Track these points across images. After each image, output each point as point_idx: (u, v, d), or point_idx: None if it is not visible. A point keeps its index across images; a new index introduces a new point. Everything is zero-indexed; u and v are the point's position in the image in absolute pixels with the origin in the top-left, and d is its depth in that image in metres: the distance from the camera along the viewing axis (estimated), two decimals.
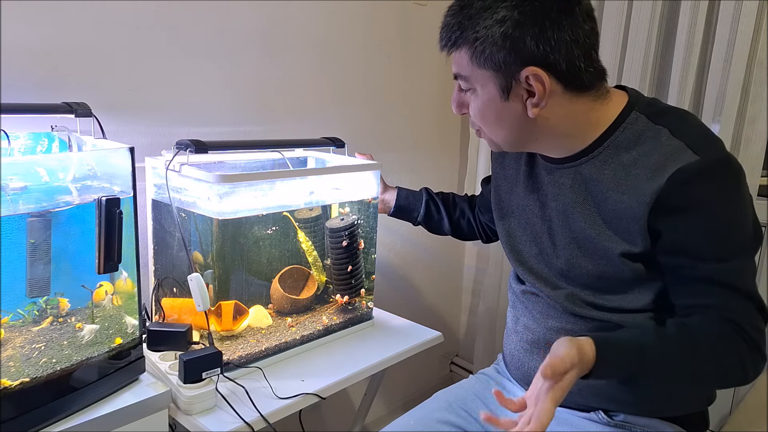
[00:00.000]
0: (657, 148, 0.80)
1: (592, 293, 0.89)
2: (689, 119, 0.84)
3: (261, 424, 0.91)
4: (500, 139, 0.89)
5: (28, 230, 0.78)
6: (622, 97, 0.87)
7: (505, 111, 0.84)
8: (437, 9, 1.76)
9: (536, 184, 0.96)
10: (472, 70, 0.82)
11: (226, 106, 1.33)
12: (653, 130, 0.82)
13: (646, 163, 0.80)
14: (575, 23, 0.78)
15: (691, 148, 0.78)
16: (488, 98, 0.83)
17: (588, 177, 0.86)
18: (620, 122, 0.84)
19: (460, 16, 0.80)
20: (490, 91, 0.83)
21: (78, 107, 0.92)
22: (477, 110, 0.86)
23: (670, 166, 0.78)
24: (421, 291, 1.99)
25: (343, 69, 1.56)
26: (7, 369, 0.75)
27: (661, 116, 0.83)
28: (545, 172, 0.94)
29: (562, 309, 0.92)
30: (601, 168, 0.85)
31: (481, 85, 0.83)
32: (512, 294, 1.06)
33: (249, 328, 1.09)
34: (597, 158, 0.85)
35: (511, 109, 0.83)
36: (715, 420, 1.04)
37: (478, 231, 1.27)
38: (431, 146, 1.90)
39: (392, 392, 1.92)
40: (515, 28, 0.76)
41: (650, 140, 0.81)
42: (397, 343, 1.19)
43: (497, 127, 0.87)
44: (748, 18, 1.34)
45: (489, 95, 0.83)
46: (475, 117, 0.88)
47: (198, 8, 1.23)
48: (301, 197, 1.13)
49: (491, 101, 0.83)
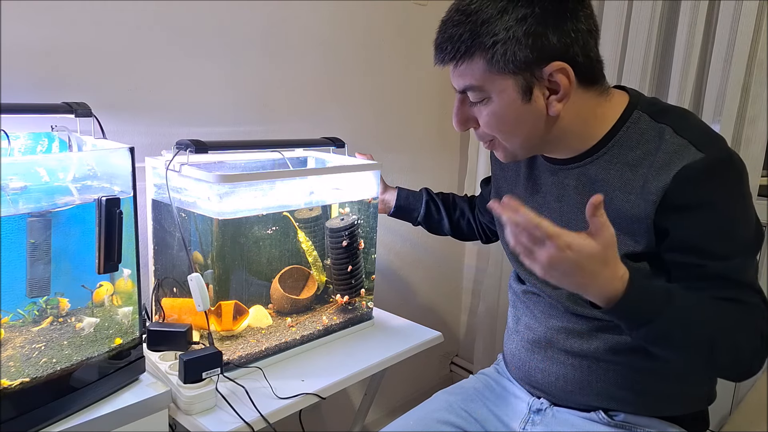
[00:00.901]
0: (661, 146, 0.80)
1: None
2: (689, 117, 0.84)
3: (261, 424, 0.91)
4: (517, 145, 0.86)
5: (28, 230, 0.78)
6: (623, 96, 0.87)
7: (526, 114, 0.81)
8: (437, 9, 1.76)
9: (537, 185, 0.96)
10: (488, 78, 0.79)
11: (226, 106, 1.33)
12: (656, 128, 0.82)
13: (652, 161, 0.80)
14: (588, 13, 0.78)
15: (694, 146, 0.78)
16: (506, 104, 0.80)
17: (594, 177, 0.86)
18: (624, 121, 0.84)
19: (467, 24, 0.77)
20: (509, 96, 0.80)
21: (78, 107, 0.92)
22: (493, 119, 0.82)
23: (675, 163, 0.78)
24: (421, 291, 1.99)
25: (343, 69, 1.56)
26: (7, 369, 0.75)
27: (663, 114, 0.83)
28: (548, 173, 0.94)
29: (564, 308, 0.92)
30: (607, 168, 0.85)
31: (498, 91, 0.80)
32: (513, 294, 1.06)
33: (249, 328, 1.09)
34: (602, 158, 0.85)
35: (531, 111, 0.81)
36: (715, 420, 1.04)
37: (478, 231, 1.27)
38: (431, 146, 1.90)
39: (392, 392, 1.92)
40: (538, 24, 0.75)
41: (654, 138, 0.82)
42: (397, 343, 1.19)
43: (515, 133, 0.84)
44: (748, 18, 1.34)
45: (508, 100, 0.80)
46: (489, 127, 0.84)
47: (198, 8, 1.23)
48: (301, 197, 1.13)
49: (510, 106, 0.80)
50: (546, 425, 0.96)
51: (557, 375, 0.94)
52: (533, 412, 0.99)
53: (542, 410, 0.98)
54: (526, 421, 0.99)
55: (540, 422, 0.97)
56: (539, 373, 0.97)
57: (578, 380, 0.92)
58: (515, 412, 1.01)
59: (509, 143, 0.86)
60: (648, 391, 0.90)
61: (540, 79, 0.78)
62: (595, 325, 0.90)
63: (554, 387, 0.95)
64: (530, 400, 1.00)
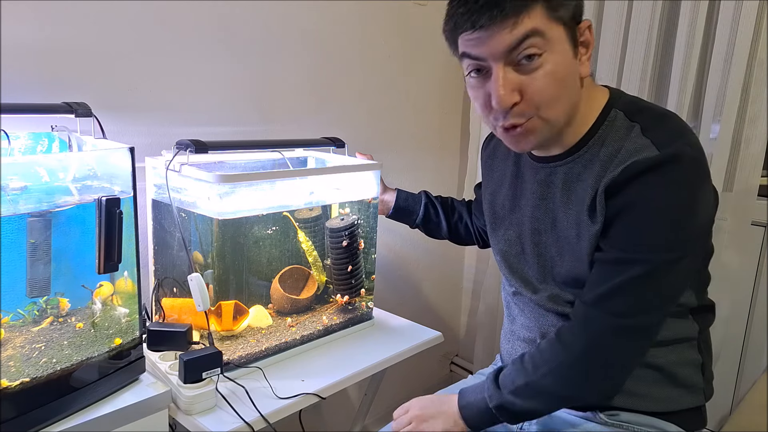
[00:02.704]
0: (625, 144, 0.80)
1: (572, 292, 0.89)
2: (667, 120, 0.82)
3: (261, 424, 0.91)
4: (560, 113, 0.81)
5: (28, 230, 0.78)
6: (604, 92, 0.88)
7: (573, 72, 0.80)
8: (437, 9, 1.76)
9: (523, 184, 0.97)
10: (548, 25, 0.75)
11: (226, 106, 1.33)
12: (627, 126, 0.82)
13: (615, 157, 0.81)
14: None
15: (655, 145, 0.77)
16: (562, 57, 0.77)
17: (577, 176, 0.86)
18: (603, 119, 0.85)
19: None
20: (564, 48, 0.78)
21: (78, 107, 0.92)
22: (549, 79, 0.77)
23: (629, 159, 0.78)
24: (421, 291, 1.99)
25: (343, 69, 1.56)
26: (7, 369, 0.75)
27: (638, 113, 0.83)
28: (532, 171, 0.94)
29: (547, 309, 0.93)
30: (588, 166, 0.85)
31: (555, 40, 0.76)
32: (505, 294, 1.06)
33: (249, 328, 1.09)
34: (584, 156, 0.86)
35: (576, 71, 0.80)
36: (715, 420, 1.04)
37: (475, 236, 1.28)
38: (431, 146, 1.90)
39: (392, 392, 1.92)
40: None
41: (623, 136, 0.82)
42: (397, 343, 1.19)
43: (564, 97, 0.80)
44: (748, 18, 1.34)
45: (563, 52, 0.78)
46: (542, 92, 0.77)
47: (198, 8, 1.23)
48: (301, 197, 1.13)
49: (564, 61, 0.78)
50: (543, 424, 0.96)
51: None
52: None
53: None
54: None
55: (537, 421, 0.97)
56: None
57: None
58: None
59: (553, 113, 0.80)
60: (644, 388, 0.90)
61: (579, 34, 0.80)
62: None
63: None
64: None
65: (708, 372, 0.95)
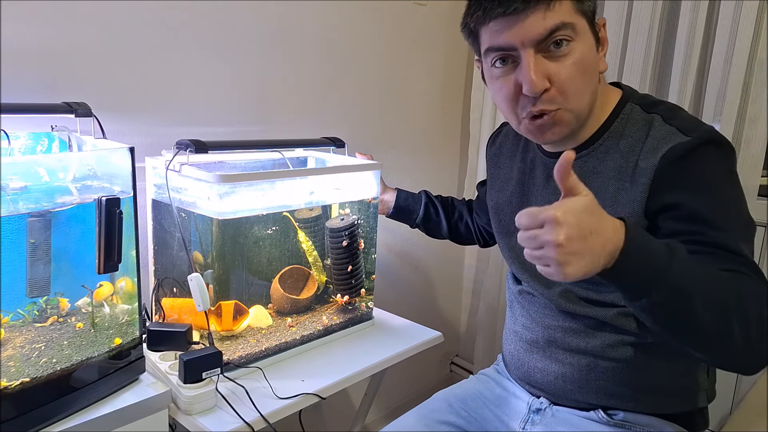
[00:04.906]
0: (650, 132, 0.82)
1: (585, 288, 0.89)
2: (679, 110, 0.86)
3: (261, 424, 0.91)
4: (585, 102, 0.82)
5: (28, 230, 0.78)
6: (616, 91, 0.90)
7: (596, 65, 0.83)
8: (437, 9, 1.77)
9: (533, 180, 0.97)
10: (576, 17, 0.79)
11: (226, 106, 1.33)
12: (647, 118, 0.84)
13: (641, 147, 0.82)
14: None
15: (682, 132, 0.79)
16: (588, 48, 0.81)
17: (592, 170, 0.87)
18: (617, 113, 0.87)
19: None
20: (589, 40, 0.81)
21: (78, 107, 0.92)
22: (577, 68, 0.79)
23: (662, 147, 0.79)
24: (421, 291, 1.99)
25: (343, 69, 1.56)
26: (7, 369, 0.75)
27: (654, 106, 0.86)
28: (543, 167, 0.95)
29: (557, 307, 0.93)
30: (603, 159, 0.86)
31: (582, 32, 0.80)
32: (510, 294, 1.06)
33: (249, 328, 1.09)
34: (599, 150, 0.87)
35: (597, 64, 0.83)
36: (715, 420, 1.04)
37: (476, 235, 1.27)
38: (431, 146, 1.90)
39: (392, 392, 1.92)
40: None
41: (644, 127, 0.84)
42: (397, 343, 1.19)
43: (589, 87, 0.82)
44: (748, 18, 1.34)
45: (588, 44, 0.81)
46: (571, 79, 0.79)
47: (198, 8, 1.23)
48: (301, 197, 1.13)
49: (589, 52, 0.81)
50: (546, 425, 0.96)
51: (556, 374, 0.95)
52: (533, 412, 0.99)
53: (542, 410, 0.98)
54: (525, 421, 0.99)
55: (540, 422, 0.97)
56: (538, 373, 0.97)
57: (577, 379, 0.92)
58: (515, 412, 1.01)
59: (580, 103, 0.81)
60: (647, 388, 0.90)
61: (599, 30, 0.83)
62: (590, 323, 0.90)
63: (553, 386, 0.96)
64: (530, 400, 1.00)
65: (711, 373, 0.95)
